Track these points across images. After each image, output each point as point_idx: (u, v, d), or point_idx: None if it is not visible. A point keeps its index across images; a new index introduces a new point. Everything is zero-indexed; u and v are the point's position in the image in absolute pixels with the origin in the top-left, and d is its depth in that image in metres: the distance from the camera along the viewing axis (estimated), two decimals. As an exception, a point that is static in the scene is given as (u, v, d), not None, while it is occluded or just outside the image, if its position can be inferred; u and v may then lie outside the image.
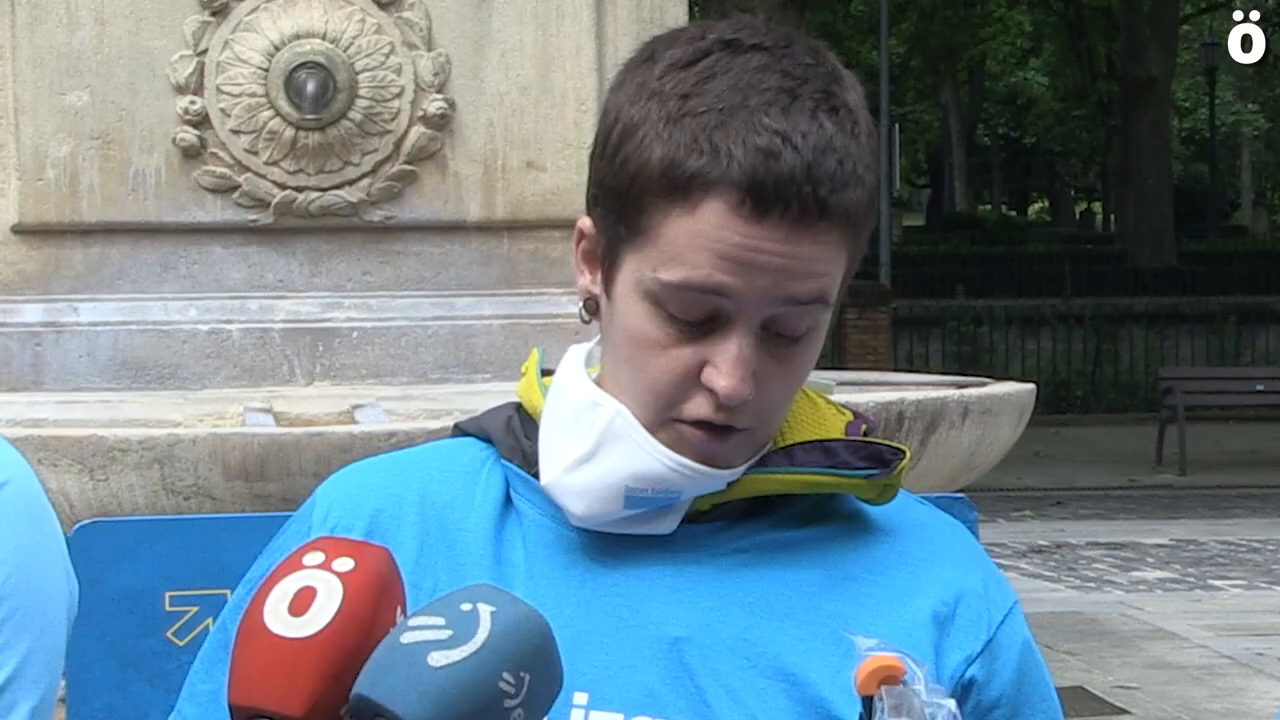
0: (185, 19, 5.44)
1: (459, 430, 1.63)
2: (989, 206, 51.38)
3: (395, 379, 5.46)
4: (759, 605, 1.51)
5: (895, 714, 1.34)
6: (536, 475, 1.55)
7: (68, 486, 4.19)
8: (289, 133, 5.40)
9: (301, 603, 1.33)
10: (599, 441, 1.50)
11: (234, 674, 1.36)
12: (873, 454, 1.55)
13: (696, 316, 1.46)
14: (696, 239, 1.44)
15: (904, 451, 1.55)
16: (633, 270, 1.49)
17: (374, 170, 5.48)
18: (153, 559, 1.69)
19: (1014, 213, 52.64)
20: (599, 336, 1.58)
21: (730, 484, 1.51)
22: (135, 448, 4.17)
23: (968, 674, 1.52)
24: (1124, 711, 6.90)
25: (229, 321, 5.41)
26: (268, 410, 4.80)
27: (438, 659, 1.28)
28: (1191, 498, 16.97)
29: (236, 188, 5.44)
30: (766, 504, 1.55)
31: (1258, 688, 7.36)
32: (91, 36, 5.43)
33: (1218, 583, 10.90)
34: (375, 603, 1.34)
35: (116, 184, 5.43)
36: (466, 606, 1.31)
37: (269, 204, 5.44)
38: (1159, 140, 32.02)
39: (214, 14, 5.44)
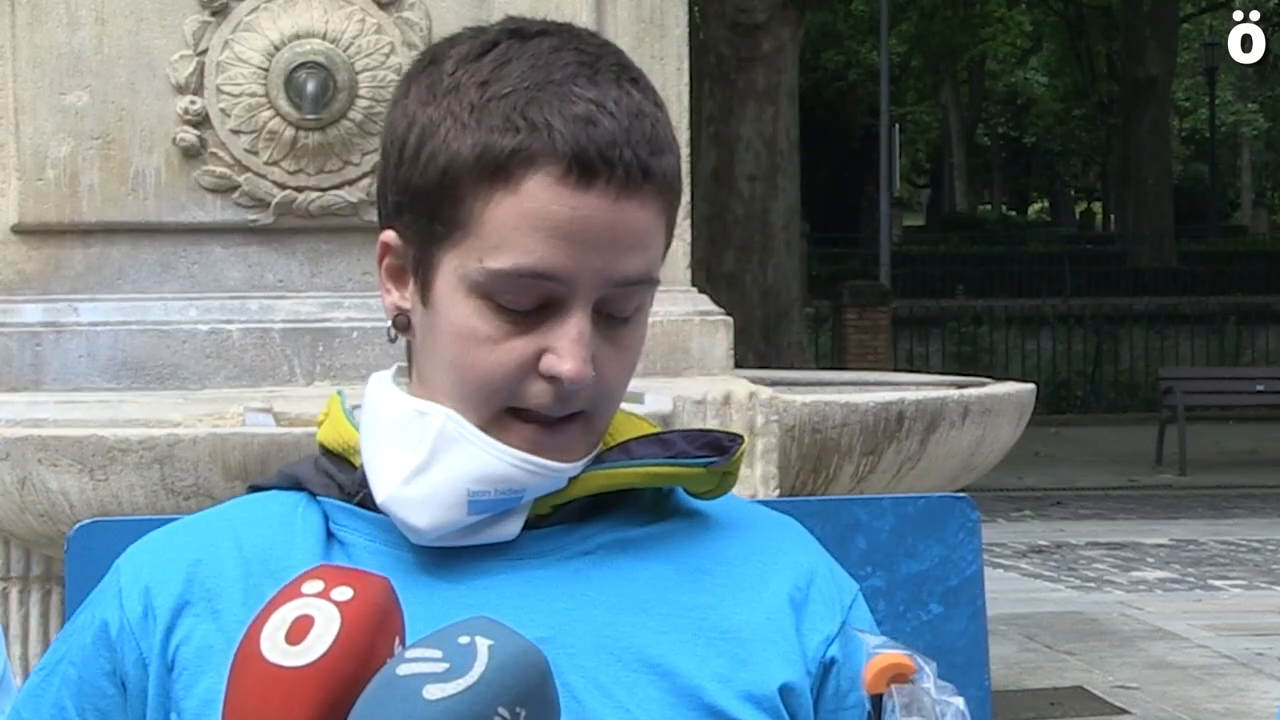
0: (185, 19, 5.44)
1: (254, 489, 1.59)
2: (989, 206, 51.35)
3: (395, 379, 5.45)
4: (614, 602, 1.48)
5: (906, 713, 1.33)
6: (359, 504, 1.51)
7: (68, 486, 4.19)
8: (289, 133, 5.40)
9: (299, 631, 1.32)
10: (433, 448, 1.45)
11: (228, 702, 1.34)
12: (710, 442, 1.53)
13: (528, 304, 1.43)
14: (524, 219, 1.41)
15: (741, 438, 1.54)
16: (454, 268, 1.45)
17: (374, 170, 5.48)
18: (153, 559, 1.69)
19: (1014, 213, 52.62)
20: (397, 365, 1.55)
21: (570, 481, 1.48)
22: (135, 448, 4.17)
23: (828, 654, 1.51)
24: (1124, 711, 6.89)
25: (229, 321, 5.41)
26: (268, 410, 4.80)
27: (433, 692, 1.27)
28: (1191, 498, 16.96)
29: (236, 188, 5.44)
30: (604, 505, 1.52)
31: (1258, 688, 7.35)
32: (91, 36, 5.43)
33: (1218, 583, 10.90)
34: (373, 633, 1.33)
35: (116, 184, 5.43)
36: (464, 639, 1.29)
37: (269, 204, 5.44)
38: (1159, 140, 32.01)
39: (214, 14, 5.43)
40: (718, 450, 1.53)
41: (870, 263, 27.89)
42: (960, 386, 5.43)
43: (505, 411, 1.46)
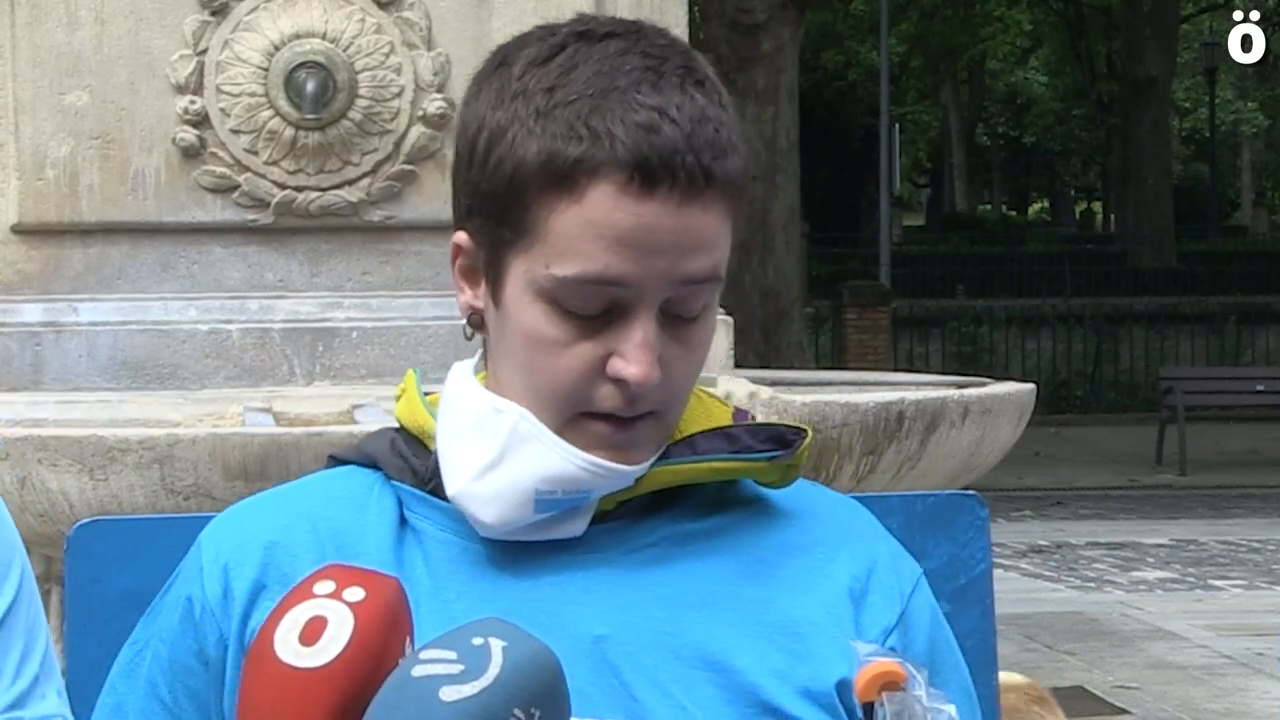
0: (185, 19, 5.44)
1: (335, 460, 1.61)
2: (989, 206, 51.35)
3: (395, 379, 5.45)
4: (676, 597, 1.49)
5: (897, 720, 1.33)
6: (431, 492, 1.53)
7: (68, 486, 4.19)
8: (289, 132, 5.40)
9: (312, 632, 1.33)
10: (505, 446, 1.48)
11: (242, 703, 1.35)
12: (774, 436, 1.54)
13: (595, 309, 1.45)
14: (589, 228, 1.43)
15: (805, 431, 1.55)
16: (523, 272, 1.47)
17: (374, 170, 5.48)
18: (153, 558, 1.68)
19: (1014, 213, 52.62)
20: (480, 351, 1.57)
21: (637, 479, 1.50)
22: (135, 448, 4.17)
23: (886, 645, 1.51)
24: (1124, 711, 6.90)
25: (229, 321, 5.41)
26: (268, 410, 4.80)
27: (449, 694, 1.27)
28: (1191, 498, 16.96)
29: (236, 187, 5.44)
30: (668, 497, 1.53)
31: (1258, 688, 7.35)
32: (91, 36, 5.42)
33: (1218, 583, 10.90)
34: (386, 633, 1.34)
35: (116, 184, 5.42)
36: (478, 641, 1.30)
37: (269, 204, 5.44)
38: (1159, 140, 32.01)
39: (214, 14, 5.43)
40: (781, 443, 1.54)
41: (870, 263, 27.89)
42: (960, 386, 5.43)
43: (580, 414, 1.47)
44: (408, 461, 1.56)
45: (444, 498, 1.52)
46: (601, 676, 1.45)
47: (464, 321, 1.55)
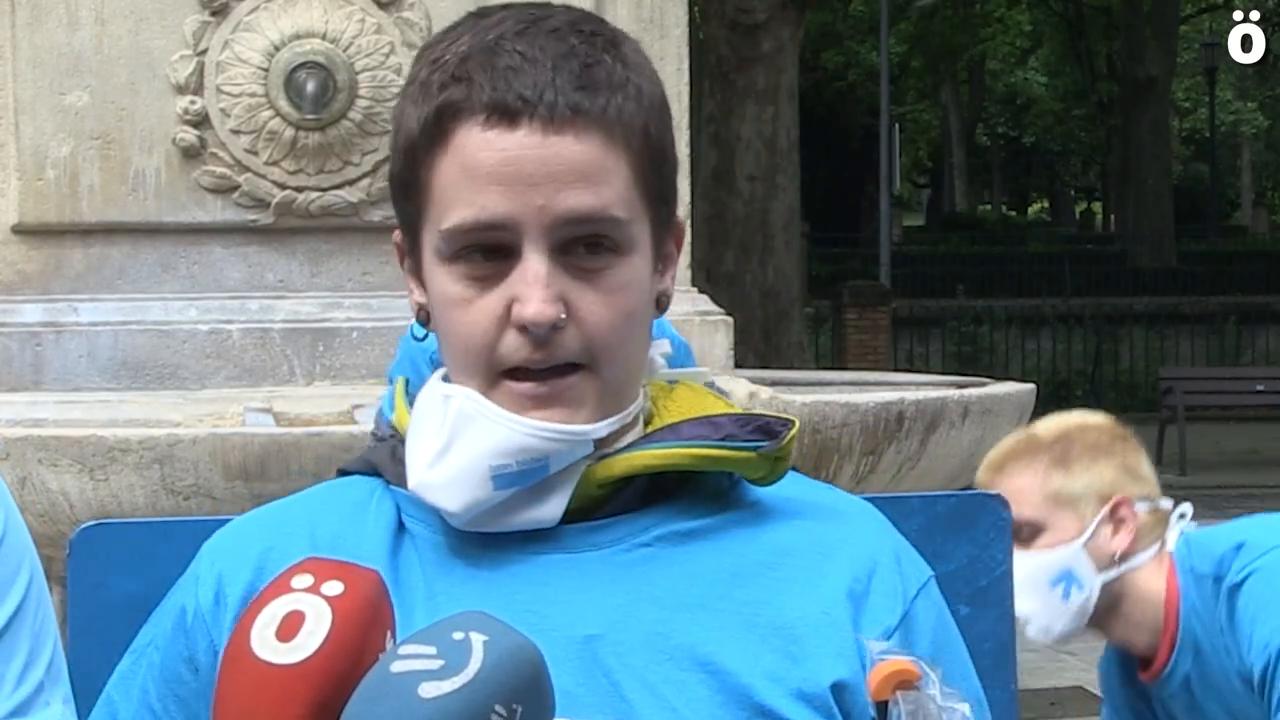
0: (185, 19, 5.44)
1: (343, 473, 1.60)
2: (989, 206, 51.35)
3: (395, 379, 5.45)
4: (669, 598, 1.46)
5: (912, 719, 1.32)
6: None
7: (68, 486, 4.19)
8: (289, 133, 5.40)
9: (289, 628, 1.30)
10: (453, 430, 1.46)
11: (219, 701, 1.32)
12: (761, 427, 1.50)
13: (485, 257, 1.45)
14: (460, 174, 1.43)
15: (793, 423, 1.51)
16: (428, 242, 1.48)
17: (374, 170, 5.48)
18: (156, 562, 1.68)
19: (1014, 213, 52.62)
20: None
21: (611, 460, 1.47)
22: (135, 448, 4.17)
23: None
24: (1124, 712, 6.89)
25: (229, 321, 5.41)
26: (268, 410, 4.80)
27: (429, 690, 1.25)
28: (1191, 498, 16.85)
29: (236, 188, 5.44)
30: (663, 494, 1.50)
31: (1257, 688, 7.34)
32: (91, 36, 5.42)
33: (1217, 583, 10.88)
34: (365, 628, 1.31)
35: (116, 184, 5.42)
36: (459, 635, 1.27)
37: (269, 204, 5.44)
38: (1159, 140, 32.01)
39: (214, 14, 5.43)
40: (768, 435, 1.50)
41: (870, 263, 27.88)
42: (960, 386, 5.43)
43: (500, 375, 1.45)
44: (404, 467, 1.54)
45: None
46: (591, 677, 1.42)
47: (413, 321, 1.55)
